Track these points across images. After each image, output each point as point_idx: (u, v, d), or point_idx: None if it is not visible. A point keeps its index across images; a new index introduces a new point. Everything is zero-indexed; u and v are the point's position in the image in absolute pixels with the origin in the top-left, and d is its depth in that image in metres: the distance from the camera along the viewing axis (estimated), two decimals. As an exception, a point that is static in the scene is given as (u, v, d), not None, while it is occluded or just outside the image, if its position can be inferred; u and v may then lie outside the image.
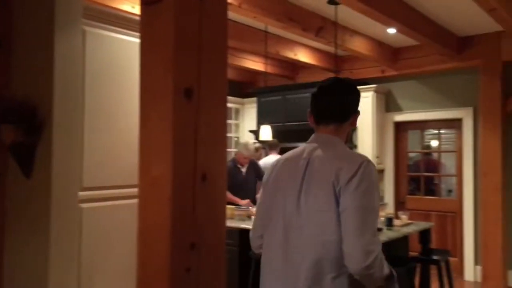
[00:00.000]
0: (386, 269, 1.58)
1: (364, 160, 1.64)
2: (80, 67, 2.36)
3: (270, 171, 1.81)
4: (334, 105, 1.82)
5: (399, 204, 6.27)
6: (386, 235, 3.49)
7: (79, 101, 2.38)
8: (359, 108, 1.90)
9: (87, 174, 2.51)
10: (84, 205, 2.51)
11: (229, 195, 4.90)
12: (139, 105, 1.55)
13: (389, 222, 3.70)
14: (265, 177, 1.83)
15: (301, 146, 1.81)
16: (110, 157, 2.58)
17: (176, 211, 1.43)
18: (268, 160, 5.37)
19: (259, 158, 5.91)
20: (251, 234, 1.88)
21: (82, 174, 2.48)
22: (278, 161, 1.83)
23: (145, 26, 1.47)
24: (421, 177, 6.17)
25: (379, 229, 3.62)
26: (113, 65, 2.60)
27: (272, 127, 6.71)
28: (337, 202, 1.58)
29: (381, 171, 6.30)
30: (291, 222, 1.66)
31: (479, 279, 5.36)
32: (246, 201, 4.80)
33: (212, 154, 1.55)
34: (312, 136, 1.84)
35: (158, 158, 1.48)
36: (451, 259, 5.66)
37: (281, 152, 6.02)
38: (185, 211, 1.46)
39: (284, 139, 6.47)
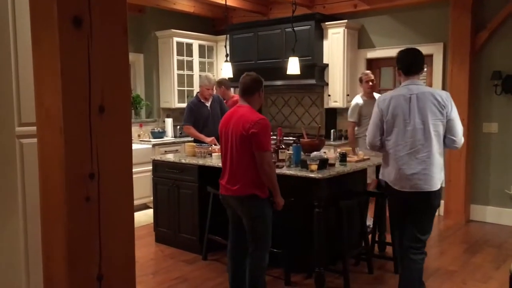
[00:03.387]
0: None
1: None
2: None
3: (383, 104, 2.92)
4: (420, 63, 3.02)
5: (370, 142, 6.33)
6: (336, 170, 3.55)
7: (9, 34, 2.31)
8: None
9: (26, 109, 2.48)
10: (25, 141, 2.50)
11: (195, 132, 4.92)
12: (31, 34, 1.52)
13: (342, 157, 3.76)
14: (380, 108, 2.94)
15: (392, 92, 3.00)
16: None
17: (69, 142, 1.43)
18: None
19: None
20: (371, 138, 3.01)
21: (20, 110, 2.45)
22: (387, 98, 2.94)
23: None
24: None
25: (332, 165, 3.68)
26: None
27: (243, 65, 6.63)
28: (444, 116, 2.86)
29: (353, 109, 6.30)
30: (407, 128, 2.85)
31: (442, 213, 5.53)
32: (211, 138, 4.81)
33: (111, 86, 1.52)
34: (407, 81, 2.94)
35: (49, 89, 1.46)
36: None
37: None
38: (81, 142, 1.46)
39: (255, 77, 6.39)
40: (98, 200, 1.52)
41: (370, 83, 4.88)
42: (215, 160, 4.10)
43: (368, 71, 5.14)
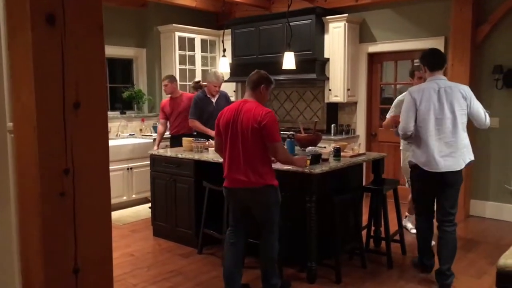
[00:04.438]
0: None
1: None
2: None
3: (417, 95, 3.35)
4: (443, 61, 3.53)
5: (371, 137, 6.31)
6: (329, 165, 3.55)
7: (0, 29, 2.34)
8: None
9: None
10: (17, 136, 2.54)
11: (200, 125, 4.97)
12: (7, 31, 1.55)
13: (336, 152, 3.75)
14: (413, 97, 3.36)
15: (422, 85, 3.44)
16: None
17: (43, 138, 1.45)
18: None
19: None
20: (406, 124, 3.38)
21: (11, 104, 2.48)
22: (420, 89, 3.39)
23: None
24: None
25: (325, 160, 3.69)
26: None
27: (245, 59, 6.64)
28: (467, 107, 3.36)
29: (354, 104, 6.28)
30: (438, 117, 3.31)
31: (443, 208, 5.50)
32: None
33: (86, 82, 1.54)
34: (433, 77, 3.41)
35: (24, 86, 1.48)
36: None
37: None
38: (55, 138, 1.48)
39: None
40: (73, 195, 1.54)
41: (423, 80, 4.04)
42: (212, 155, 4.13)
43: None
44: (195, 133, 5.39)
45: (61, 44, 1.46)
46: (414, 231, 4.19)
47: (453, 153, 3.32)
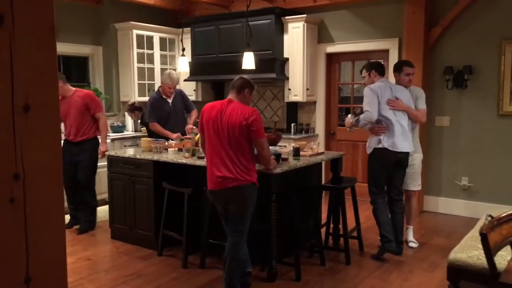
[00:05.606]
0: None
1: None
2: None
3: (379, 90, 3.92)
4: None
5: (330, 135, 6.43)
6: (288, 164, 3.59)
7: None
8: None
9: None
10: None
11: (161, 129, 4.87)
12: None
13: (296, 152, 3.80)
14: (376, 92, 3.90)
15: (377, 83, 3.99)
16: None
17: (-9, 143, 1.40)
18: None
19: None
20: (375, 113, 3.87)
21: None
22: (380, 86, 3.96)
23: None
24: (351, 109, 6.30)
25: (285, 159, 3.72)
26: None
27: (205, 58, 6.61)
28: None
29: (313, 103, 6.38)
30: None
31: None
32: (177, 134, 4.80)
33: (37, 86, 1.48)
34: (382, 79, 4.07)
35: (-30, 88, 1.42)
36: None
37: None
38: (4, 142, 1.42)
39: (216, 71, 6.39)
40: (23, 201, 1.49)
41: (411, 77, 4.17)
42: (171, 156, 4.08)
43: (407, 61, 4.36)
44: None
45: (9, 45, 1.40)
46: (414, 245, 4.28)
47: (407, 138, 3.99)
